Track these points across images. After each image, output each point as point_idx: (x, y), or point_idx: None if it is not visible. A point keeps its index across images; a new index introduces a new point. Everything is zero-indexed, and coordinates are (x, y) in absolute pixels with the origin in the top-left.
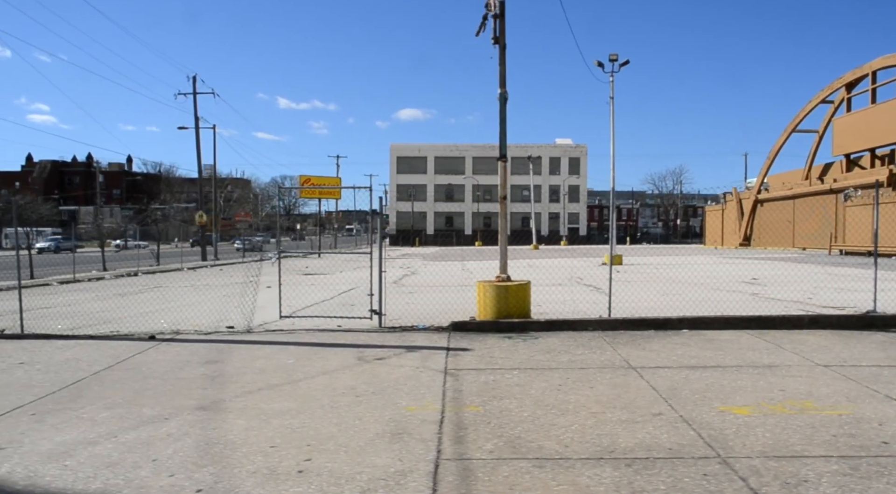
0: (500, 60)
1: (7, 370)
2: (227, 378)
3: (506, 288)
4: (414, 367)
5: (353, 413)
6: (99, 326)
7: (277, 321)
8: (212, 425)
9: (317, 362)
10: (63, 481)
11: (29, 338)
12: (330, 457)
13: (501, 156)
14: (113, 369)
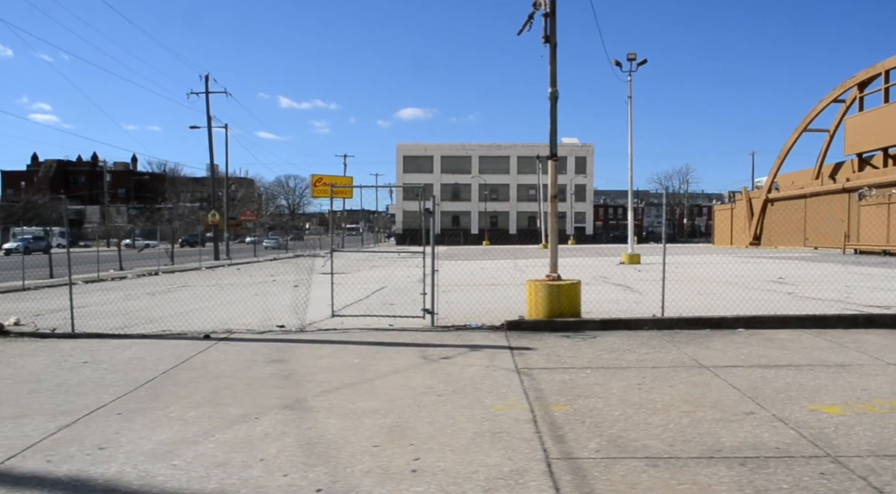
0: (550, 59)
1: (74, 369)
2: (299, 377)
3: (558, 288)
4: (484, 366)
5: (442, 413)
6: (146, 325)
7: (328, 320)
8: (305, 424)
9: (383, 361)
10: (178, 481)
11: (81, 337)
12: (438, 456)
13: (552, 155)
14: (180, 368)
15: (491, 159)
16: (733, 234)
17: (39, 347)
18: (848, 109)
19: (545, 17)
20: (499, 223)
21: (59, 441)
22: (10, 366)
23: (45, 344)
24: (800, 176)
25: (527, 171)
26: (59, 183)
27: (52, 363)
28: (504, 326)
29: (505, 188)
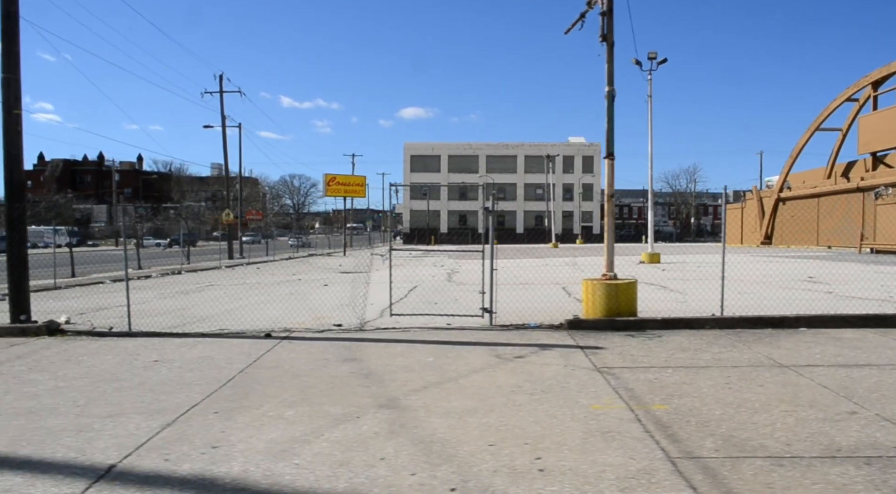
0: (607, 58)
1: (149, 367)
2: (379, 376)
3: (616, 287)
4: (562, 366)
5: (542, 412)
6: (198, 324)
7: (386, 319)
8: (409, 423)
9: (457, 360)
10: (306, 480)
11: (138, 336)
12: (558, 456)
13: (609, 154)
14: (255, 367)
15: (498, 158)
16: (743, 234)
17: (102, 346)
18: (861, 108)
19: (602, 16)
20: (506, 222)
21: (168, 440)
22: (80, 365)
23: (106, 342)
24: (811, 175)
25: (534, 171)
26: (65, 182)
27: (122, 361)
28: (565, 325)
29: (512, 187)
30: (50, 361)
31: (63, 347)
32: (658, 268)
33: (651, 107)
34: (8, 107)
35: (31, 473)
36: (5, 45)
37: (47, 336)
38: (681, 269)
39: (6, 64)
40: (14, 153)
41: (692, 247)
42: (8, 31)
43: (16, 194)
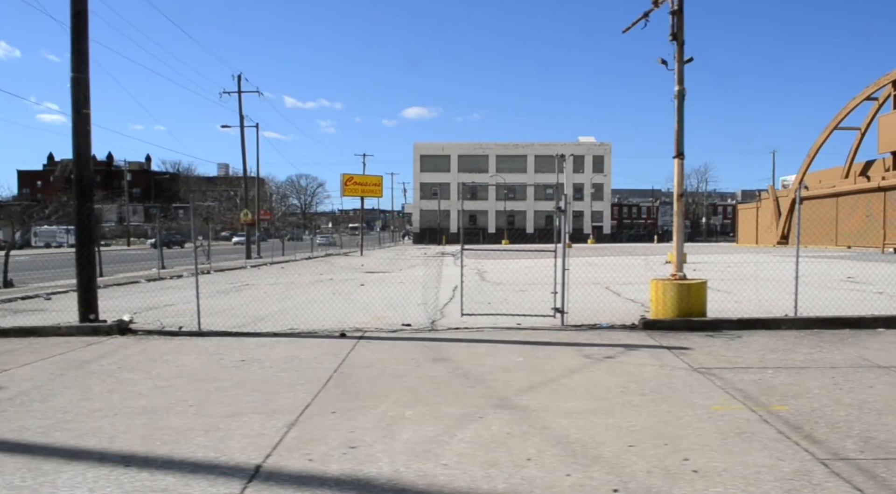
0: (677, 57)
1: (240, 367)
2: (478, 376)
3: (688, 287)
4: (657, 366)
5: (663, 413)
6: (259, 324)
7: (456, 319)
8: (537, 424)
9: (548, 360)
10: (462, 480)
11: (209, 336)
12: (705, 457)
13: (679, 154)
14: (348, 367)
15: (508, 158)
16: (759, 233)
17: (179, 345)
18: (881, 107)
19: (672, 15)
20: (516, 222)
21: (301, 440)
22: (168, 364)
23: (181, 342)
24: (827, 174)
25: (544, 170)
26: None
27: (209, 361)
28: (638, 325)
29: (522, 187)
30: (136, 360)
31: (141, 346)
32: (688, 269)
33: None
34: (78, 106)
35: (180, 472)
36: (75, 44)
37: (118, 335)
38: (713, 269)
39: (76, 63)
40: (83, 152)
41: (707, 246)
42: (77, 31)
43: (85, 194)
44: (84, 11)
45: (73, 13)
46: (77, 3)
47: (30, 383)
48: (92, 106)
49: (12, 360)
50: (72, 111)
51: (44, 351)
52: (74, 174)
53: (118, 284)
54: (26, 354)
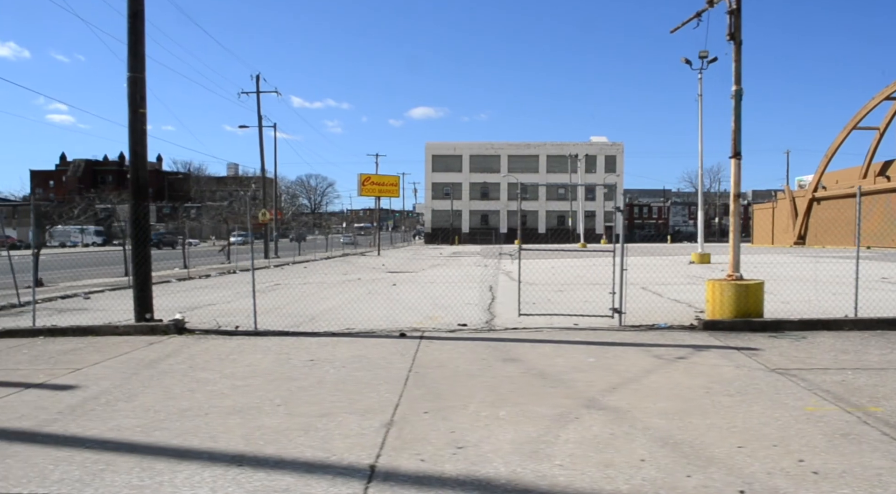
0: (735, 57)
1: (312, 366)
2: (554, 376)
3: (746, 287)
4: (732, 367)
5: (758, 414)
6: (311, 324)
7: (512, 319)
8: (638, 424)
9: (619, 360)
10: (583, 481)
11: (267, 335)
12: (818, 458)
13: (736, 154)
14: (421, 366)
15: (520, 158)
16: (774, 234)
17: (241, 345)
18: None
19: (729, 14)
20: (528, 222)
21: (405, 441)
22: (238, 364)
23: (242, 341)
24: (844, 174)
25: (556, 170)
26: (87, 182)
27: (278, 361)
28: (698, 326)
29: (534, 187)
30: (204, 360)
31: (203, 345)
32: (714, 269)
33: (701, 107)
34: (134, 106)
35: (296, 472)
36: (132, 44)
37: (176, 334)
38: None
39: (132, 63)
40: (140, 152)
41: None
42: (134, 31)
43: (141, 193)
44: (141, 12)
45: (130, 13)
46: (134, 3)
47: (108, 382)
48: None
49: (80, 359)
50: (128, 111)
51: (108, 350)
52: (131, 174)
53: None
54: (92, 353)
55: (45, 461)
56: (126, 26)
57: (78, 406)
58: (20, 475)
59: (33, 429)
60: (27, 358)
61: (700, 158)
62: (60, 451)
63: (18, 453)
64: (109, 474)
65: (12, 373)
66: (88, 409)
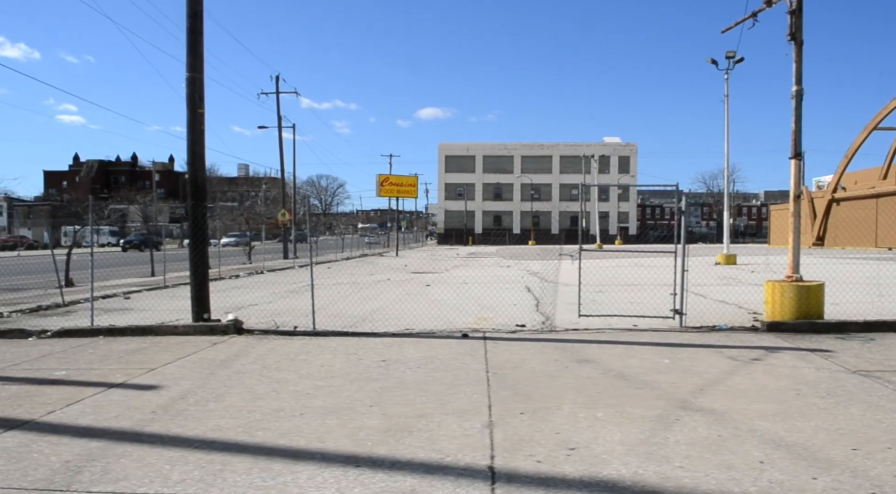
0: (795, 57)
1: (386, 367)
2: (635, 377)
3: (807, 289)
4: (813, 369)
5: (857, 416)
6: (365, 324)
7: (575, 320)
8: (742, 426)
9: (695, 362)
10: (708, 484)
11: (327, 336)
12: None
13: (796, 154)
14: (496, 367)
15: (533, 159)
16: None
17: (306, 345)
18: None
19: (790, 15)
20: (540, 223)
21: (512, 441)
22: (310, 364)
23: (306, 341)
24: (863, 175)
25: (569, 171)
26: (100, 182)
27: (349, 361)
28: (761, 327)
29: (547, 188)
30: (274, 360)
31: (267, 346)
32: (744, 270)
33: (727, 108)
34: (193, 106)
35: (415, 473)
36: (191, 44)
37: (235, 334)
38: (770, 271)
39: (191, 63)
40: (198, 152)
41: (742, 247)
42: (194, 31)
43: (199, 194)
44: (200, 12)
45: (189, 14)
46: (194, 3)
47: (188, 382)
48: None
49: (150, 359)
50: (187, 111)
51: (174, 350)
52: (189, 174)
53: (185, 284)
54: (159, 353)
55: (158, 461)
56: (185, 26)
57: (168, 406)
58: (140, 475)
59: (135, 429)
60: (96, 357)
61: (726, 159)
62: (170, 451)
63: (129, 453)
64: (229, 474)
65: (88, 373)
66: (181, 409)
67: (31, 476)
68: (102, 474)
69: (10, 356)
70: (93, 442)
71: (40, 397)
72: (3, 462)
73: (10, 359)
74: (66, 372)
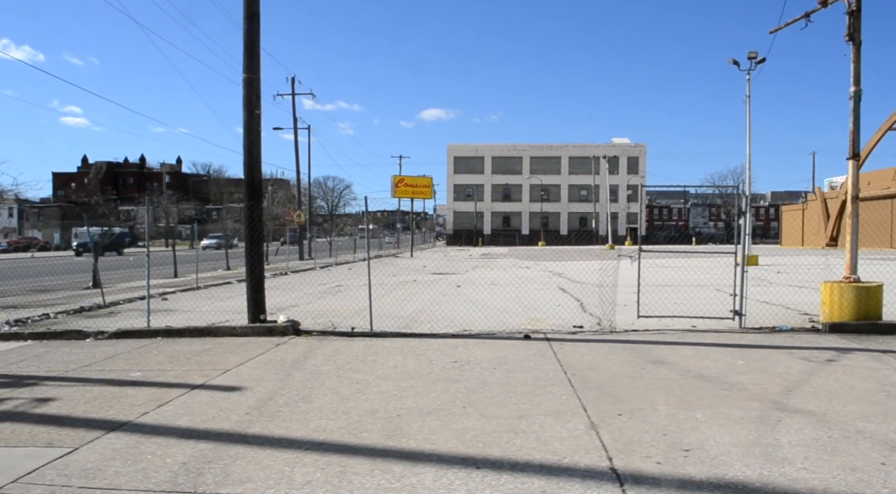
0: (854, 57)
1: (461, 368)
2: (716, 378)
3: (867, 289)
4: (892, 370)
5: None
6: (419, 325)
7: (634, 321)
8: (848, 427)
9: (770, 363)
10: (839, 485)
11: (387, 336)
12: None
13: (854, 155)
14: (572, 368)
15: (541, 160)
16: (804, 235)
17: (370, 346)
18: None
19: (849, 16)
20: (549, 224)
21: (623, 442)
22: (383, 366)
23: (369, 342)
24: (876, 176)
25: (578, 172)
26: (108, 184)
27: (421, 363)
28: (823, 328)
29: (556, 188)
30: (345, 361)
31: (331, 347)
32: (768, 271)
33: (749, 109)
34: (250, 107)
35: (539, 474)
36: (248, 45)
37: (294, 335)
38: (794, 271)
39: (248, 64)
40: (255, 153)
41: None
42: (250, 32)
43: (256, 194)
44: (257, 13)
45: (246, 15)
46: (251, 4)
47: (269, 383)
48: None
49: (220, 360)
50: (244, 112)
51: (239, 351)
52: (245, 175)
53: (215, 284)
54: (224, 354)
55: (275, 462)
56: (242, 28)
57: (260, 407)
58: (262, 476)
59: (236, 430)
60: (164, 358)
61: (748, 159)
62: (282, 453)
63: (241, 454)
64: (352, 476)
65: (163, 374)
66: (275, 411)
67: (154, 479)
68: (224, 476)
69: (76, 357)
70: (201, 444)
71: (126, 398)
72: (119, 464)
73: (79, 360)
74: (141, 373)
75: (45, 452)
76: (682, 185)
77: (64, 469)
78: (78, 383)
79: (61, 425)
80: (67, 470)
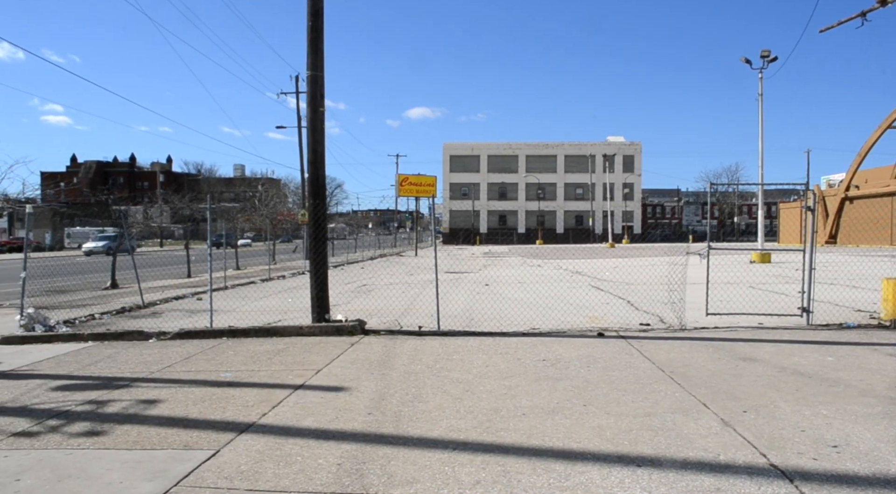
0: None
1: (553, 366)
2: (814, 374)
3: None
4: None
5: None
6: (482, 324)
7: (703, 318)
8: None
9: (858, 359)
10: None
11: (456, 335)
12: None
13: None
14: (666, 366)
15: (537, 158)
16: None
17: (448, 345)
18: None
19: None
20: (546, 222)
21: (766, 439)
22: (473, 364)
23: (444, 341)
24: (874, 174)
25: (574, 170)
26: (98, 183)
27: (509, 361)
28: (891, 324)
29: (552, 187)
30: (431, 360)
31: (408, 345)
32: (786, 268)
33: (761, 108)
34: (314, 104)
35: (703, 472)
36: (312, 42)
37: (363, 335)
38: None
39: (313, 61)
40: (319, 151)
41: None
42: (315, 29)
43: (319, 192)
44: (321, 10)
45: (310, 12)
46: (315, 1)
47: (370, 383)
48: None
49: (303, 360)
50: (308, 109)
51: (317, 351)
52: (310, 173)
53: (240, 284)
54: (304, 354)
55: (430, 462)
56: (306, 25)
57: (378, 407)
58: (426, 477)
59: (371, 431)
60: (243, 358)
61: (760, 157)
62: (432, 453)
63: (393, 456)
64: (517, 476)
65: (253, 374)
66: (395, 410)
67: (317, 480)
68: (388, 477)
69: (150, 358)
70: (343, 445)
71: (232, 399)
72: (273, 466)
73: (156, 361)
74: (231, 374)
75: (188, 455)
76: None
77: (220, 472)
78: (172, 384)
79: (184, 427)
80: (224, 473)
